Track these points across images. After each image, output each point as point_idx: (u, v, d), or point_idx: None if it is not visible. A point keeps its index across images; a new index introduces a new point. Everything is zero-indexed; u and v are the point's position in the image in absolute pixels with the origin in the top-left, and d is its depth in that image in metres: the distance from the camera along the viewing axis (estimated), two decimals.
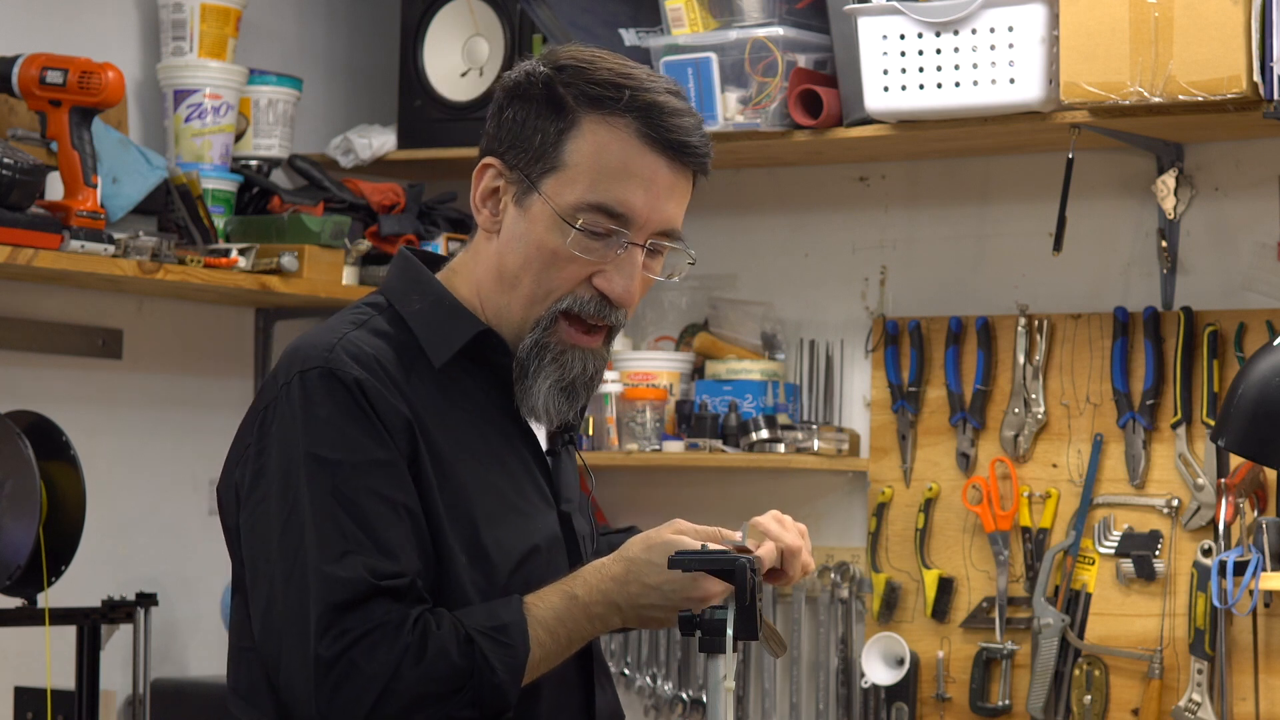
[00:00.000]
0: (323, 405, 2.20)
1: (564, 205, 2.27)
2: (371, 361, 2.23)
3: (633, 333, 4.58)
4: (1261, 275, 3.97)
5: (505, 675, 2.17)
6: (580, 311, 2.30)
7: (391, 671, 2.14)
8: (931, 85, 3.83)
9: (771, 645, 2.41)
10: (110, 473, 4.06)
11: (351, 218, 4.26)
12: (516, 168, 2.30)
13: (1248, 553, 3.78)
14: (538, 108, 2.29)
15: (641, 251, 2.30)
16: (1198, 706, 3.90)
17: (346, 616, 2.14)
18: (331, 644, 2.14)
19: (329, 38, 4.70)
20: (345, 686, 2.14)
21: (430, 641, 2.16)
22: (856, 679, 4.28)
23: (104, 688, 3.74)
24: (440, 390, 2.28)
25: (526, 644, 2.19)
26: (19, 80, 3.71)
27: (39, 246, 3.61)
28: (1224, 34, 3.55)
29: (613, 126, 2.27)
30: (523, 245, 2.29)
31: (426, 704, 2.15)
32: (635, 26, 4.18)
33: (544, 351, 2.29)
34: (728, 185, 4.52)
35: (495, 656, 2.17)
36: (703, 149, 2.33)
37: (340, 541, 2.16)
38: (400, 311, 2.32)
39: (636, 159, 2.28)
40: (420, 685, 2.15)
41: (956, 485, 4.21)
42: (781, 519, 2.38)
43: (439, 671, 2.15)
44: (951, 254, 4.30)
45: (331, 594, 2.15)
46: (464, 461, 2.26)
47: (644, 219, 2.29)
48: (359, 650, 2.14)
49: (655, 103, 2.28)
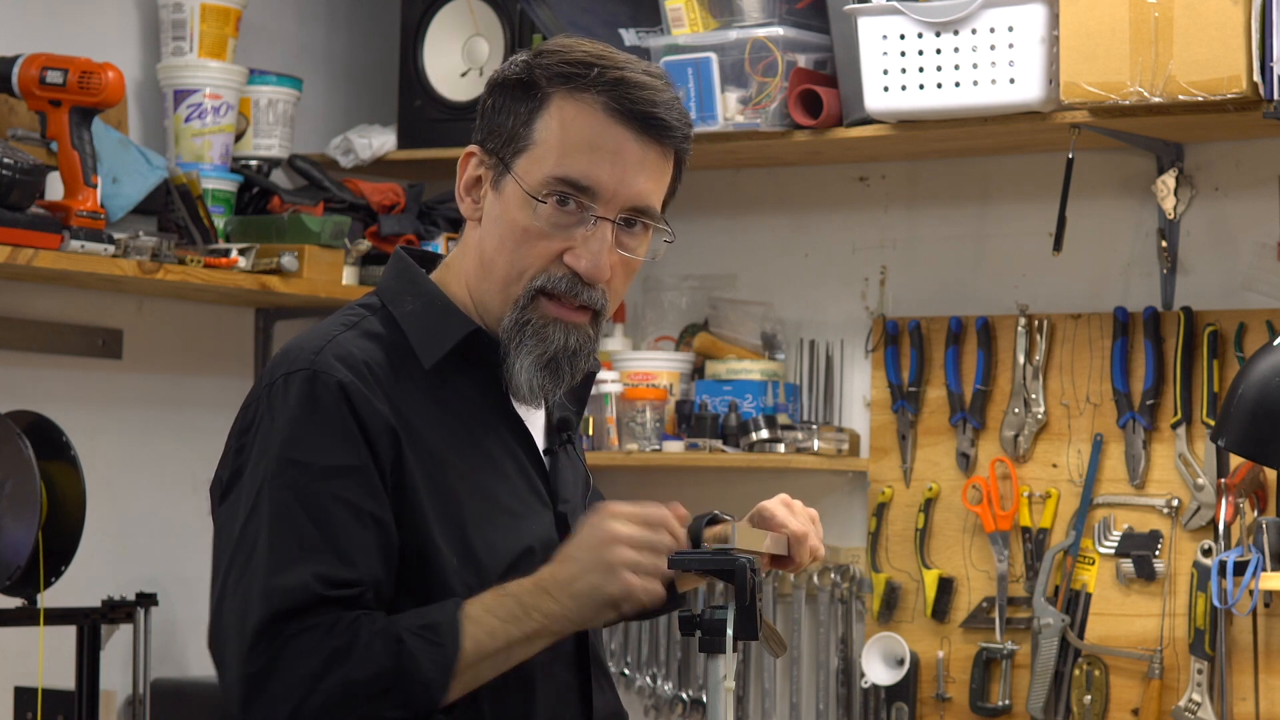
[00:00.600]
0: (302, 408, 2.19)
1: (532, 182, 2.26)
2: (359, 364, 2.22)
3: (633, 333, 4.59)
4: (1261, 275, 3.97)
5: (433, 674, 2.13)
6: (554, 290, 2.27)
7: (317, 672, 2.11)
8: (931, 85, 3.83)
9: (771, 645, 2.41)
10: (110, 473, 4.06)
11: (351, 218, 4.26)
12: (493, 153, 2.30)
13: (1248, 553, 3.78)
14: (513, 92, 2.29)
15: (611, 226, 2.28)
16: (1198, 706, 3.90)
17: (286, 625, 2.12)
18: (264, 651, 2.12)
19: (329, 38, 4.70)
20: (270, 687, 2.11)
21: (358, 642, 2.12)
22: (856, 679, 4.28)
23: (104, 688, 3.74)
24: (431, 392, 2.27)
25: (457, 643, 2.14)
26: (19, 80, 3.70)
27: (39, 246, 3.61)
28: (1224, 34, 3.54)
29: (580, 102, 2.26)
30: (498, 227, 2.29)
31: (354, 705, 2.12)
32: (635, 26, 4.18)
33: (525, 328, 2.28)
34: (728, 185, 4.52)
35: (424, 655, 2.13)
36: (672, 122, 2.30)
37: (294, 547, 2.14)
38: (393, 313, 2.32)
39: (602, 131, 2.26)
40: (346, 686, 2.11)
41: (956, 485, 4.21)
42: (790, 503, 2.38)
43: (365, 672, 2.12)
44: (951, 254, 4.30)
45: (273, 603, 2.13)
46: (454, 464, 2.25)
47: (611, 192, 2.26)
48: (287, 653, 2.11)
49: (624, 77, 2.27)
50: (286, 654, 2.11)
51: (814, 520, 2.42)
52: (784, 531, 2.38)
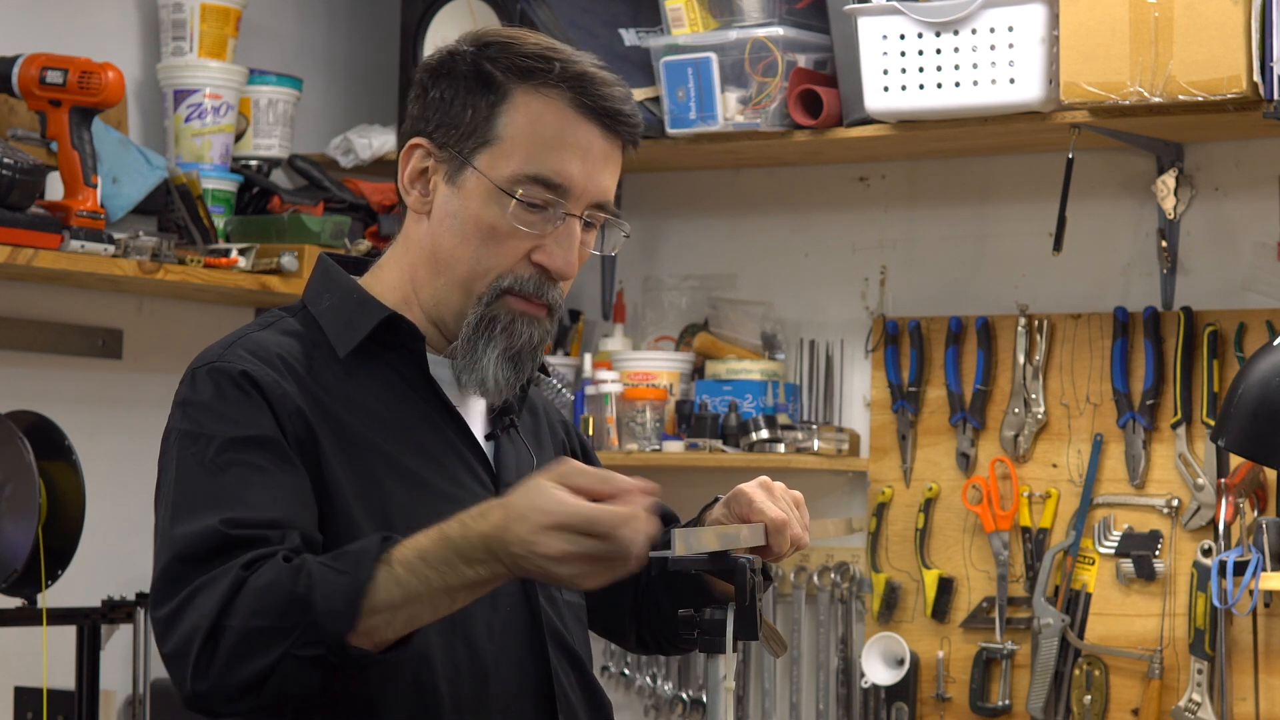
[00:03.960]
0: (204, 393, 2.19)
1: (501, 178, 2.25)
2: (271, 356, 2.22)
3: (633, 333, 4.59)
4: (1261, 275, 3.97)
5: (338, 604, 2.01)
6: (520, 290, 2.27)
7: (218, 608, 2.04)
8: (931, 85, 3.83)
9: (771, 645, 2.40)
10: (110, 473, 4.06)
11: (351, 218, 4.27)
12: (447, 146, 2.28)
13: (1248, 553, 3.78)
14: (466, 84, 2.28)
15: (579, 223, 2.28)
16: (1198, 706, 3.90)
17: (191, 570, 2.07)
18: (171, 595, 2.08)
19: (329, 38, 4.70)
20: (178, 629, 2.06)
21: (264, 576, 2.04)
22: (856, 679, 4.28)
23: (104, 688, 3.74)
24: (350, 379, 2.26)
25: (368, 572, 2.02)
26: (19, 80, 3.71)
27: (39, 246, 3.61)
28: (1224, 34, 3.54)
29: (546, 97, 2.26)
30: (458, 223, 2.27)
31: (260, 641, 2.03)
32: (635, 26, 4.18)
33: (492, 324, 2.27)
34: (728, 185, 4.52)
35: (328, 583, 2.02)
36: (635, 118, 2.31)
37: (201, 502, 2.12)
38: (312, 311, 2.32)
39: (572, 129, 2.26)
40: (251, 619, 2.03)
41: (956, 485, 4.21)
42: (770, 486, 2.29)
43: (268, 604, 2.03)
44: (951, 254, 4.30)
45: (176, 548, 2.09)
46: (376, 448, 2.23)
47: (581, 189, 2.27)
48: (194, 595, 2.06)
49: (586, 73, 2.28)
50: (194, 596, 2.06)
51: (797, 504, 2.29)
52: (760, 519, 2.25)
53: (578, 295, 4.66)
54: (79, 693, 3.68)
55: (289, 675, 2.03)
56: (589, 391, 4.40)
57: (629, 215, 4.61)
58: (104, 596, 3.77)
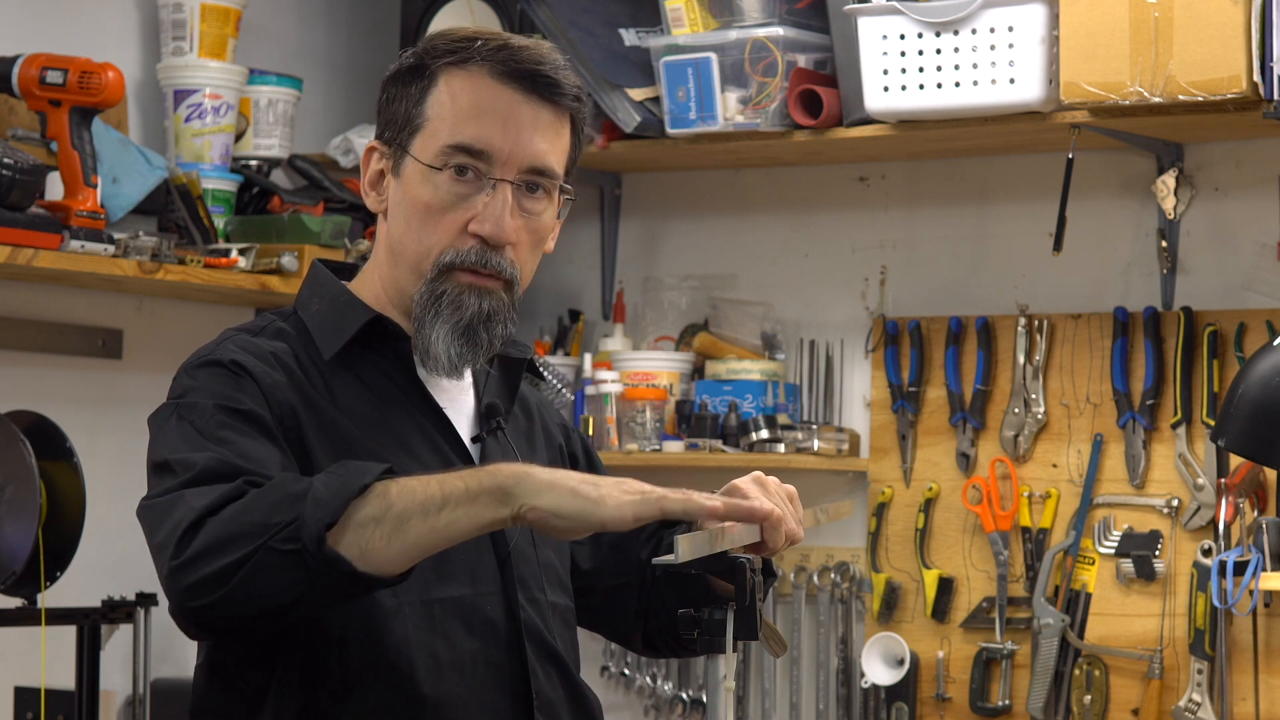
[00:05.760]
0: (198, 378, 2.22)
1: (428, 155, 2.29)
2: (264, 353, 2.26)
3: (633, 333, 4.59)
4: (1261, 275, 3.97)
5: (326, 494, 2.02)
6: (463, 263, 2.28)
7: (209, 505, 2.05)
8: (931, 85, 3.83)
9: (771, 645, 2.40)
10: (110, 473, 4.06)
11: (351, 218, 4.26)
12: (390, 141, 2.33)
13: (1248, 553, 3.78)
14: (403, 78, 2.33)
15: (510, 188, 2.29)
16: (1198, 706, 3.90)
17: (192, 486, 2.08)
18: (165, 495, 2.09)
19: (329, 38, 4.70)
20: (168, 521, 2.07)
21: (264, 486, 2.07)
22: (856, 679, 4.28)
23: (104, 688, 3.74)
24: (337, 380, 2.29)
25: (361, 481, 2.04)
26: (19, 80, 3.71)
27: (39, 246, 3.61)
28: (1224, 34, 3.55)
29: (467, 72, 2.30)
30: (402, 210, 2.31)
31: (241, 533, 2.02)
32: (635, 26, 4.18)
33: (439, 299, 2.28)
34: (728, 185, 4.52)
35: (322, 481, 2.05)
36: (561, 80, 2.31)
37: (199, 447, 2.13)
38: (302, 316, 2.35)
39: (489, 95, 2.29)
40: (241, 513, 2.03)
41: (956, 485, 4.21)
42: (764, 481, 2.29)
43: (263, 501, 2.04)
44: (951, 254, 4.30)
45: (181, 478, 2.10)
46: (362, 446, 2.24)
47: (506, 153, 2.28)
48: (188, 497, 2.07)
49: (508, 44, 2.31)
50: (190, 497, 2.07)
51: (792, 499, 2.28)
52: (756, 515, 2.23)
53: (578, 295, 4.66)
54: (79, 693, 3.68)
55: (261, 568, 2.02)
56: (589, 391, 4.41)
57: (629, 215, 4.65)
58: (104, 596, 3.77)
